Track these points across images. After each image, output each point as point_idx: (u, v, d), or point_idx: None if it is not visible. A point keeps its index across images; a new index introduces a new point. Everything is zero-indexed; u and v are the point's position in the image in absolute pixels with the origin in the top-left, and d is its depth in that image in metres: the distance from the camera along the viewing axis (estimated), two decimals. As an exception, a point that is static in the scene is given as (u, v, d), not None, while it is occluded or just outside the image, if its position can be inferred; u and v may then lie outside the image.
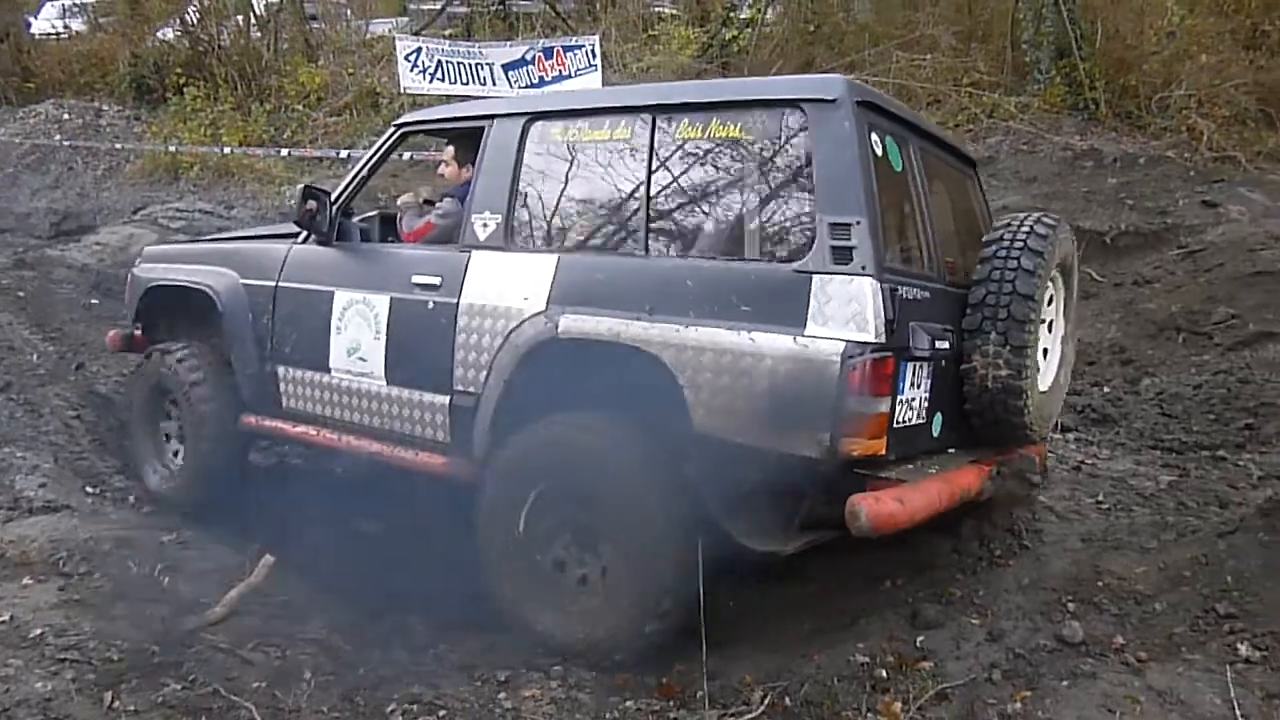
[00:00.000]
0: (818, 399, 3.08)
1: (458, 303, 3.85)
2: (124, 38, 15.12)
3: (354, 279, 4.24)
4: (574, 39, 12.58)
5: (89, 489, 5.10)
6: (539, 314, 3.64)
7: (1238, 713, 2.77)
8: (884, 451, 3.20)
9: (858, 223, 3.13)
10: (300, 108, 13.11)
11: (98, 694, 2.97)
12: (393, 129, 4.49)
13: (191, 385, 4.78)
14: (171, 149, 12.12)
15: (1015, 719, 3.01)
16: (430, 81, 12.25)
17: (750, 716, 3.16)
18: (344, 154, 11.96)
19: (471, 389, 3.79)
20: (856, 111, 3.27)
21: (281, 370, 4.49)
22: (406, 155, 11.79)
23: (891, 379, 3.17)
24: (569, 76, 12.05)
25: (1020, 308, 3.47)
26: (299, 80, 13.42)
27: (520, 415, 3.67)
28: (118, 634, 3.32)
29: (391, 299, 4.07)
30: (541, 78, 12.15)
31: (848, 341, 3.06)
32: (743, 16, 13.51)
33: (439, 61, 12.15)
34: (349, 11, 16.53)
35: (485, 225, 3.91)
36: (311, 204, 4.39)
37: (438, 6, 15.17)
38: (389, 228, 4.73)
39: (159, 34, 14.96)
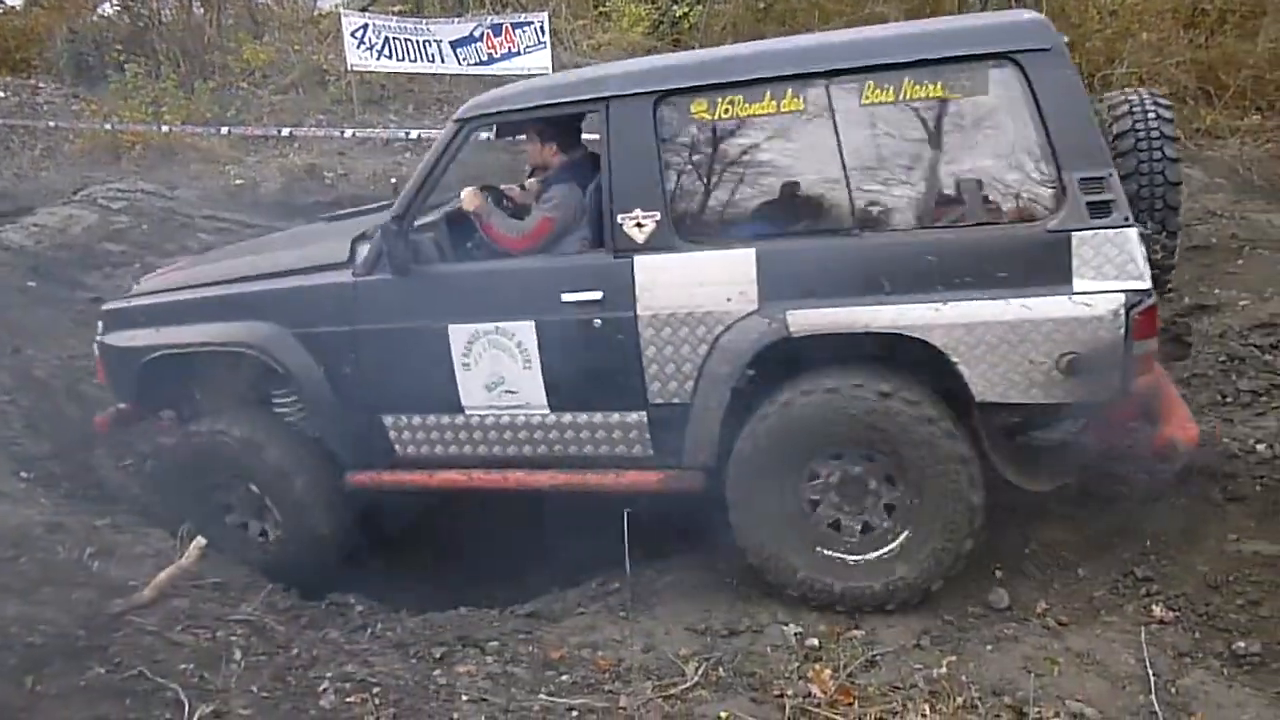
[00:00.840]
0: (1109, 350, 3.10)
1: (635, 316, 3.52)
2: (61, 13, 14.72)
3: (472, 309, 3.74)
4: (523, 16, 12.43)
5: (22, 474, 4.99)
6: (752, 314, 3.41)
7: (1150, 671, 2.85)
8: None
9: (1109, 175, 3.11)
10: (245, 85, 12.86)
11: (19, 678, 2.93)
12: (455, 124, 3.80)
13: (263, 458, 4.13)
14: (111, 128, 11.84)
15: (940, 682, 3.07)
16: (378, 59, 12.06)
17: (684, 687, 3.19)
18: (287, 132, 11.77)
19: (676, 400, 3.57)
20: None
21: (389, 420, 3.97)
22: (380, 132, 11.64)
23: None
24: (518, 54, 11.92)
25: (1173, 195, 3.51)
26: (244, 57, 13.15)
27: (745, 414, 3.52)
28: (42, 618, 3.27)
29: (538, 324, 3.65)
30: (490, 55, 12.01)
31: (1126, 292, 3.08)
32: (694, -7, 13.45)
33: (386, 38, 11.95)
34: (297, -13, 16.21)
35: (640, 225, 3.51)
36: (365, 247, 3.90)
37: (386, -18, 14.92)
38: (461, 232, 4.11)
39: (98, 9, 14.59)
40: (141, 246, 9.17)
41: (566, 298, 3.60)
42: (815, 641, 3.42)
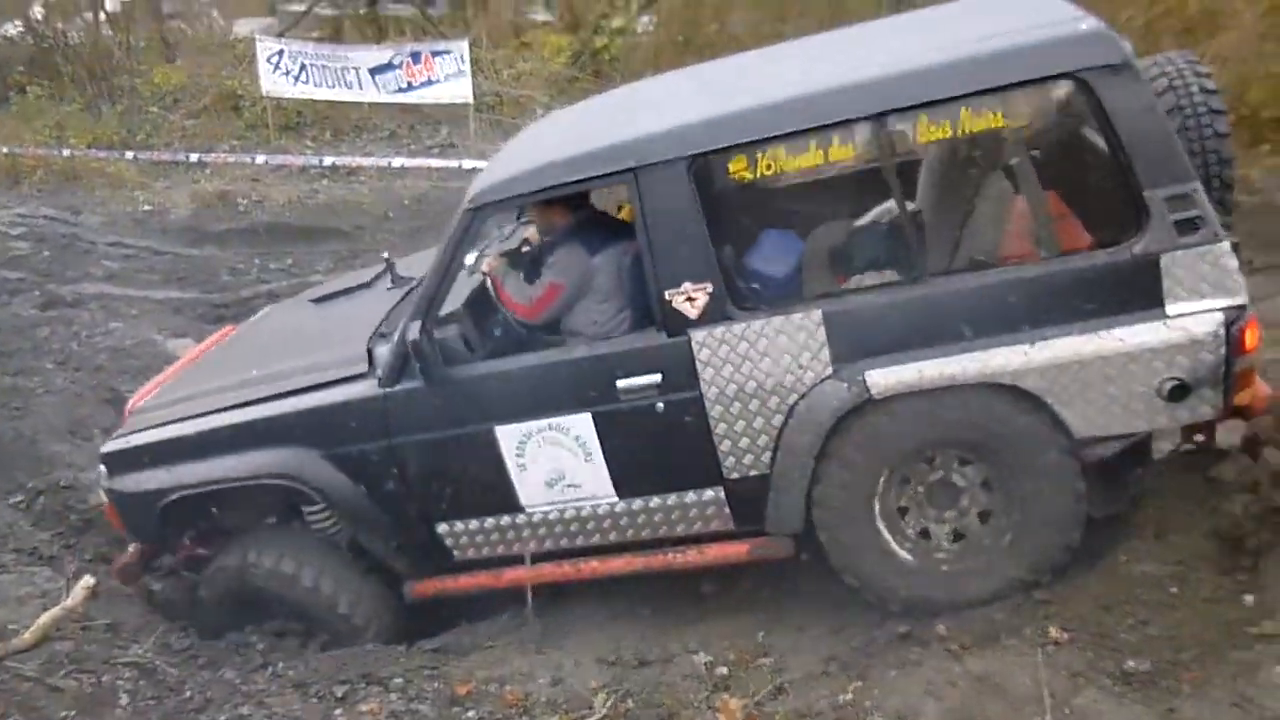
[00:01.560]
0: (1211, 371, 3.00)
1: (700, 395, 3.32)
2: (-40, 33, 14.22)
3: (518, 409, 3.49)
4: (442, 44, 12.42)
5: (-100, 513, 4.76)
6: (827, 379, 3.22)
7: (1046, 691, 2.90)
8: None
9: (1195, 190, 2.95)
10: (155, 109, 12.57)
11: (-118, 731, 2.77)
12: (466, 213, 3.49)
13: (316, 589, 3.86)
14: (9, 151, 11.43)
15: (846, 709, 3.08)
16: (294, 85, 11.93)
17: (592, 720, 3.16)
18: (196, 157, 11.52)
19: (753, 472, 3.38)
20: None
21: (444, 528, 3.71)
22: (296, 158, 11.45)
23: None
24: (437, 82, 11.91)
25: (1228, 173, 3.32)
26: (154, 80, 12.88)
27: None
28: (-89, 666, 3.10)
29: (595, 414, 3.41)
30: (409, 82, 11.98)
31: (1224, 310, 2.97)
32: (615, 25, 13.60)
33: (303, 64, 11.83)
34: (214, 10, 15.94)
35: (691, 299, 3.28)
36: (383, 349, 3.65)
37: (304, 8, 14.79)
38: (484, 318, 3.80)
39: (0, 30, 14.12)
40: (42, 274, 8.87)
41: (622, 384, 3.38)
42: (724, 670, 3.41)
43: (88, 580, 3.58)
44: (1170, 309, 3.00)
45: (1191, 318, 3.00)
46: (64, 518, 4.95)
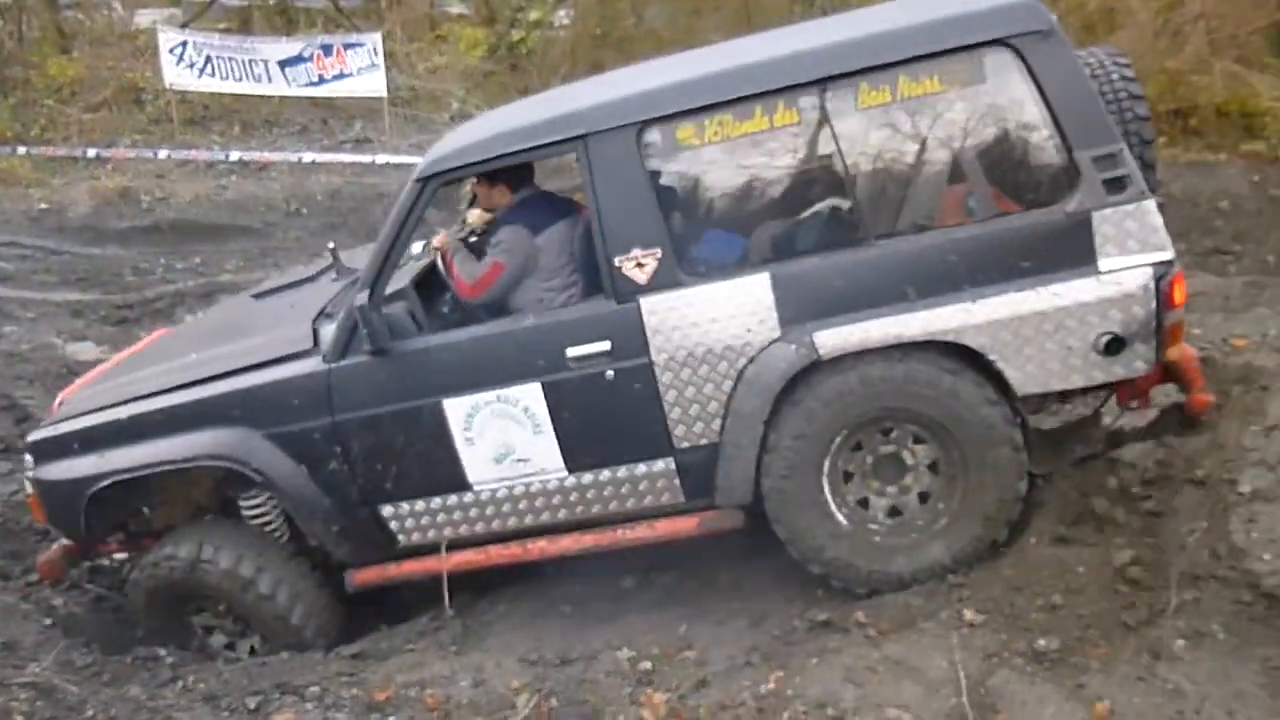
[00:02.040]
0: (1143, 325, 3.12)
1: (650, 362, 3.33)
2: None
3: (467, 380, 3.45)
4: (355, 36, 12.16)
5: None
6: (775, 341, 3.26)
7: (961, 673, 2.96)
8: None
9: (1120, 150, 3.09)
10: (51, 102, 12.04)
11: None
12: (416, 184, 3.48)
13: (253, 581, 3.74)
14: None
15: (768, 698, 3.10)
16: (200, 77, 11.55)
17: (514, 721, 3.12)
18: (94, 153, 11.07)
19: (704, 441, 3.40)
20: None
21: (388, 510, 3.64)
22: (202, 153, 11.07)
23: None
24: (350, 75, 11.65)
25: (1150, 153, 3.44)
26: (49, 73, 12.33)
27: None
28: None
29: (544, 384, 3.40)
30: (321, 75, 11.69)
31: (1153, 265, 3.09)
32: (531, 18, 13.49)
33: (208, 56, 11.46)
34: (115, 0, 15.33)
35: (641, 265, 3.31)
36: (329, 328, 3.61)
37: (209, -1, 14.35)
38: (431, 296, 3.81)
39: (-121, 19, 13.36)
40: (-74, 276, 8.43)
41: (572, 352, 3.37)
42: (648, 665, 3.39)
43: (-21, 598, 3.41)
44: (1103, 265, 3.14)
45: (1123, 273, 3.13)
46: (-44, 532, 4.71)
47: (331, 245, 4.68)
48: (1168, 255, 3.15)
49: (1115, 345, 3.16)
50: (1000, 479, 3.32)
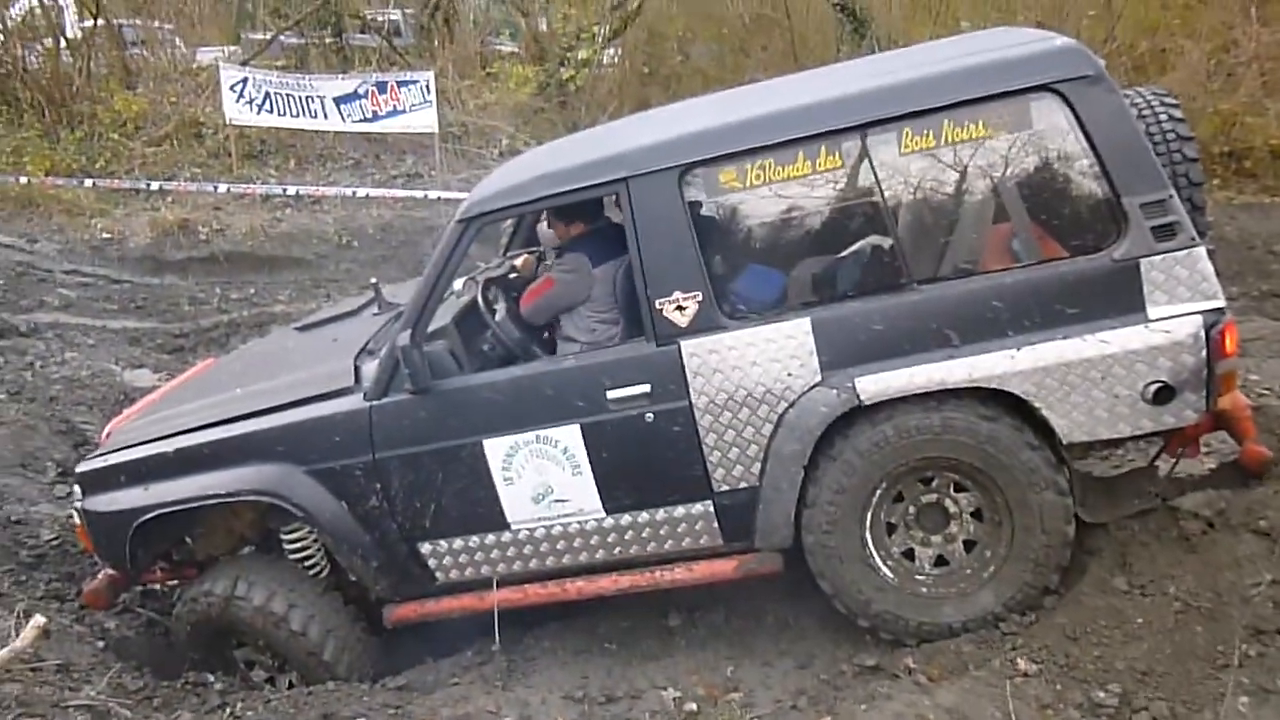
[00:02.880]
0: (1193, 374, 3.08)
1: (690, 405, 3.34)
2: (-84, 57, 13.95)
3: (507, 420, 3.48)
4: (408, 74, 12.39)
5: None
6: (816, 385, 3.26)
7: (1014, 724, 2.91)
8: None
9: (1169, 197, 3.07)
10: (115, 136, 12.37)
11: None
12: (458, 225, 3.52)
13: (285, 617, 3.77)
14: (-36, 178, 11.23)
15: (815, 744, 3.06)
16: (258, 113, 11.81)
17: (557, 759, 3.10)
18: (157, 185, 11.37)
19: (743, 485, 3.40)
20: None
21: (427, 547, 3.66)
22: (259, 187, 11.34)
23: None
24: (403, 111, 11.86)
25: (1199, 195, 3.41)
26: (115, 107, 12.69)
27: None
28: None
29: (584, 425, 3.42)
30: (375, 112, 11.91)
31: (1203, 313, 3.07)
32: (580, 57, 13.68)
33: (267, 93, 11.72)
34: (177, 39, 15.81)
35: (681, 308, 3.33)
36: (371, 365, 3.65)
37: (269, 37, 14.72)
38: (472, 335, 3.82)
39: (-44, 55, 13.89)
40: (-6, 302, 8.68)
41: (612, 394, 3.39)
42: (693, 706, 3.38)
43: (38, 620, 3.46)
44: (1151, 313, 3.11)
45: (1172, 321, 3.09)
46: (14, 554, 4.81)
47: (374, 280, 4.75)
48: (1219, 303, 3.11)
49: (1164, 394, 3.12)
50: (1047, 524, 3.27)
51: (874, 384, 3.22)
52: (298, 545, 3.90)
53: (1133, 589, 3.29)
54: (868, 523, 3.39)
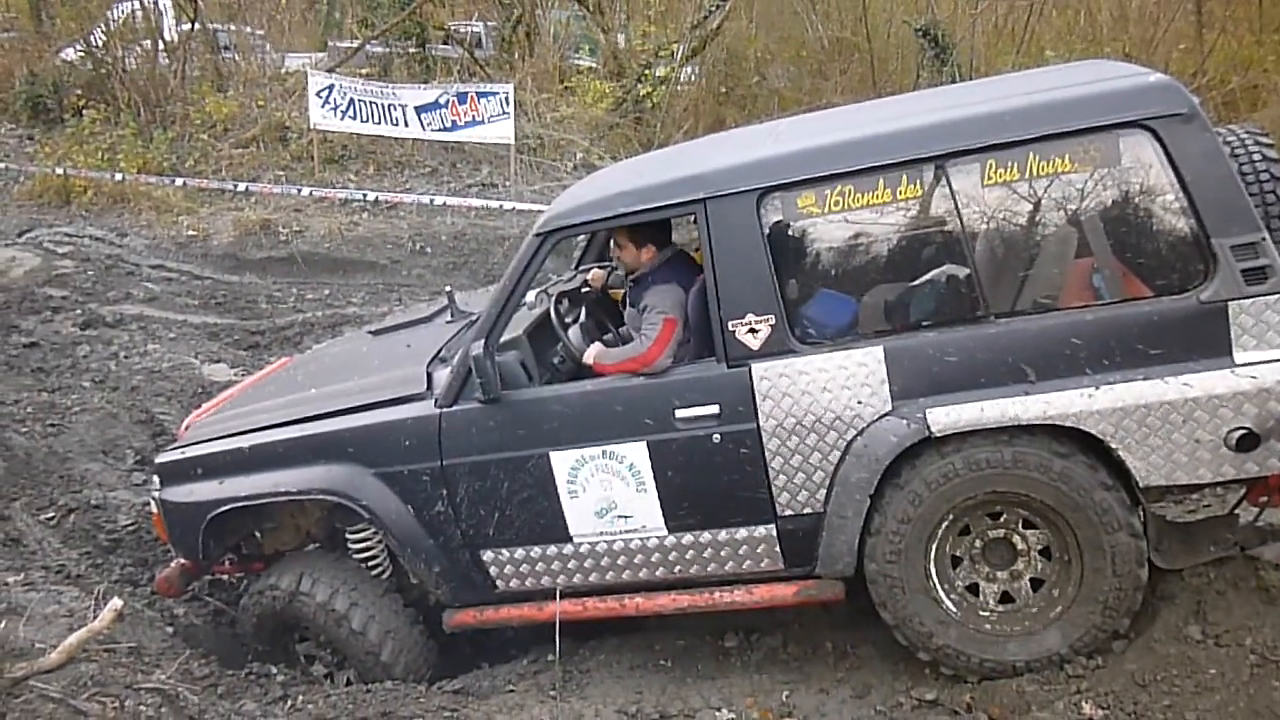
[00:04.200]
0: (1278, 422, 3.01)
1: (758, 427, 3.33)
2: (22, 55, 14.62)
3: (575, 434, 3.50)
4: (488, 86, 12.61)
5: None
6: (887, 415, 3.23)
7: (1079, 771, 2.84)
8: None
9: (1262, 239, 3.01)
10: (205, 137, 12.80)
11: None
12: (535, 238, 3.55)
13: (346, 615, 3.85)
14: (62, 172, 11.70)
15: (871, 776, 3.02)
16: (341, 119, 12.12)
17: (609, 774, 3.11)
18: (243, 186, 11.71)
19: (807, 510, 3.38)
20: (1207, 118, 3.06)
21: (489, 555, 3.69)
22: (338, 191, 11.64)
23: None
24: (481, 123, 12.06)
25: None
26: (206, 109, 13.14)
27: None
28: (-62, 680, 3.11)
29: (650, 443, 3.43)
30: (454, 122, 12.13)
31: None
32: (658, 74, 13.78)
33: (351, 100, 12.03)
34: (267, 44, 16.33)
35: (754, 331, 3.33)
36: (443, 372, 3.69)
37: (355, 45, 15.10)
38: (544, 348, 3.89)
39: (61, 54, 14.51)
40: (84, 293, 9.04)
41: (680, 414, 3.39)
42: (748, 730, 3.37)
43: (115, 603, 3.56)
44: (1239, 357, 3.03)
45: (1260, 366, 3.01)
46: (93, 537, 5.00)
47: (448, 288, 4.83)
48: None
49: (1248, 441, 3.03)
50: (1119, 566, 3.19)
51: (945, 416, 3.18)
52: (362, 545, 3.98)
53: (1207, 639, 3.19)
54: (933, 555, 3.35)
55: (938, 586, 3.37)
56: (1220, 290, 3.02)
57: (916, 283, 3.34)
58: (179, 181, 11.89)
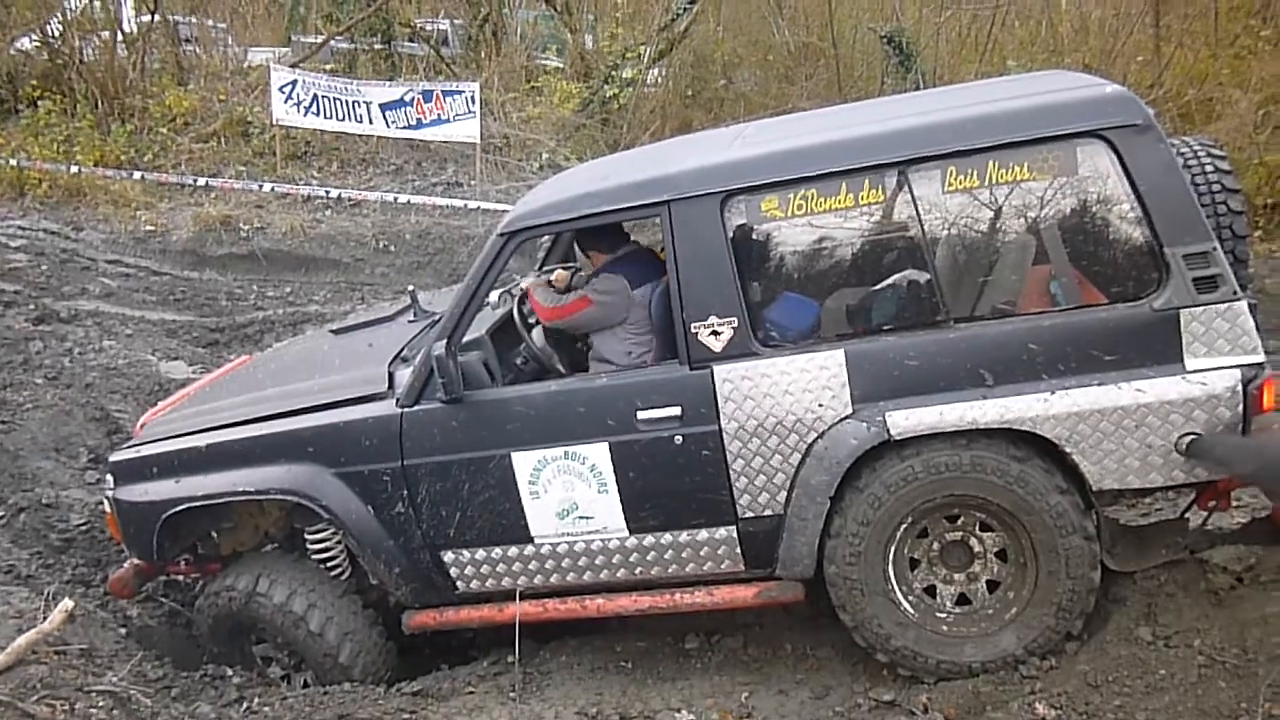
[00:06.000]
0: (1227, 428, 3.07)
1: (720, 429, 3.35)
2: (-24, 45, 14.29)
3: (536, 433, 3.49)
4: (454, 84, 12.55)
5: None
6: (847, 418, 3.27)
7: (1031, 770, 2.88)
8: None
9: (1213, 249, 3.06)
10: (165, 131, 12.59)
11: None
12: (499, 238, 3.55)
13: (304, 617, 3.82)
14: (17, 164, 11.46)
15: (828, 777, 3.05)
16: (305, 115, 11.98)
17: (568, 776, 3.10)
18: (204, 181, 11.55)
19: (767, 512, 3.40)
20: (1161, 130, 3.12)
21: (449, 556, 3.68)
22: (301, 188, 11.51)
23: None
24: (447, 121, 12.00)
25: (1243, 248, 3.42)
26: (166, 103, 12.92)
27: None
28: (-120, 683, 3.04)
29: (612, 445, 3.43)
30: (419, 119, 12.05)
31: (1242, 367, 3.06)
32: (625, 76, 13.78)
33: (315, 95, 11.90)
34: (230, 38, 16.10)
35: (716, 333, 3.35)
36: (404, 372, 3.67)
37: (319, 40, 14.93)
38: (507, 349, 3.92)
39: (16, 44, 14.20)
40: (38, 288, 8.87)
41: (642, 415, 3.40)
42: (707, 731, 3.38)
43: (66, 604, 3.52)
44: (1189, 364, 3.09)
45: (1210, 373, 3.08)
46: (44, 536, 4.90)
47: (412, 288, 4.81)
48: (1258, 358, 3.08)
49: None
50: (1073, 568, 3.25)
51: (905, 419, 3.22)
52: (321, 546, 3.94)
53: (1157, 640, 3.25)
54: (891, 557, 3.39)
55: (896, 589, 3.40)
56: (1172, 299, 3.08)
57: (878, 287, 3.37)
58: (137, 175, 11.70)
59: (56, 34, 13.48)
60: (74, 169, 11.50)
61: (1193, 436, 3.08)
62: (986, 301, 3.28)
